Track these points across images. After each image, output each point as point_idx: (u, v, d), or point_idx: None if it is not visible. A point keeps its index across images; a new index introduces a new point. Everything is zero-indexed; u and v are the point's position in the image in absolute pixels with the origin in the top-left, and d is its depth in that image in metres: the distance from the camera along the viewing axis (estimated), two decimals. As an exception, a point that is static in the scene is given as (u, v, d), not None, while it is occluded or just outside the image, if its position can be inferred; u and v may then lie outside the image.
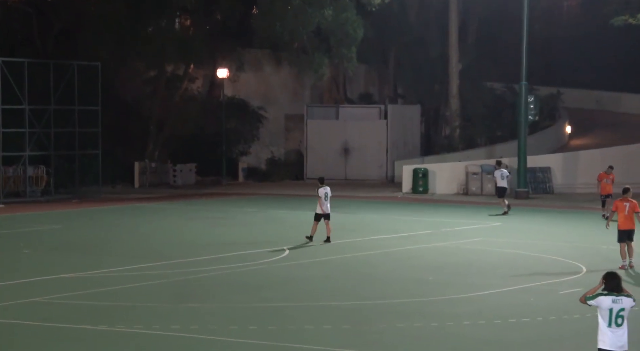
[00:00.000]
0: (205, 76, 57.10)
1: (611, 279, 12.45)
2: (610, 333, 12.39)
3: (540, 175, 46.76)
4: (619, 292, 12.38)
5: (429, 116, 60.81)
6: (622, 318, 12.30)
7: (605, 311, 12.33)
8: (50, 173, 44.45)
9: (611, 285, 12.43)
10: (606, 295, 12.36)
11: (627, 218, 24.24)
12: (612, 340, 12.37)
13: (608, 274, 12.58)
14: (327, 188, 28.67)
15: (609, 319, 12.33)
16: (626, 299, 12.35)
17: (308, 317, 18.36)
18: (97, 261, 25.04)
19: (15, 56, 44.07)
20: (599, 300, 12.40)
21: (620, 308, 12.30)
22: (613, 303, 12.31)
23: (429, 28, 58.57)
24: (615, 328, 12.34)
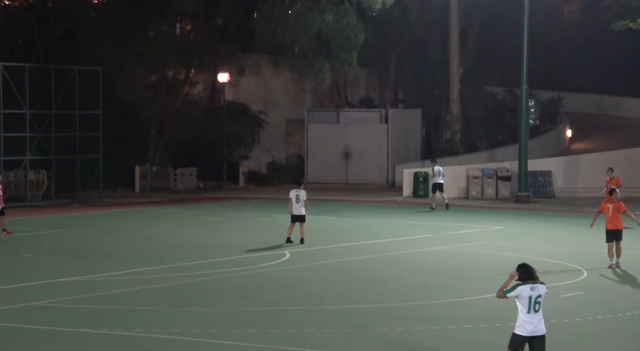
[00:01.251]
0: (206, 80, 57.15)
1: (526, 269, 13.27)
2: (529, 320, 13.18)
3: (541, 179, 46.77)
4: (534, 280, 13.21)
5: (430, 120, 60.83)
6: (539, 304, 13.17)
7: (525, 299, 13.13)
8: (51, 178, 44.48)
9: (526, 274, 13.26)
10: (523, 284, 13.18)
11: (613, 218, 25.05)
12: (530, 326, 13.19)
13: (522, 265, 13.39)
14: (301, 191, 28.89)
15: (528, 306, 13.14)
16: (541, 286, 13.23)
17: (309, 321, 18.35)
18: (97, 265, 25.05)
19: (16, 60, 44.12)
20: (518, 290, 13.18)
21: (538, 294, 13.15)
22: (531, 290, 13.14)
23: (429, 32, 58.62)
24: (533, 314, 13.17)
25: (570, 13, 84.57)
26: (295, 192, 28.91)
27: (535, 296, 13.18)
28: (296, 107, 59.80)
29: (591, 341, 17.10)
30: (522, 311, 13.20)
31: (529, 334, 13.25)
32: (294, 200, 28.80)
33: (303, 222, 28.95)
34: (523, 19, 43.98)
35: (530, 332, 13.23)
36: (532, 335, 13.26)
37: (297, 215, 28.88)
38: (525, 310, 13.19)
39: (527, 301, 13.17)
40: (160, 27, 51.64)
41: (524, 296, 13.16)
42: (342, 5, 48.74)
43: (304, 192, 29.04)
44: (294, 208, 28.82)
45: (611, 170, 36.14)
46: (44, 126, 43.65)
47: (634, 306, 19.97)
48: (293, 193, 28.89)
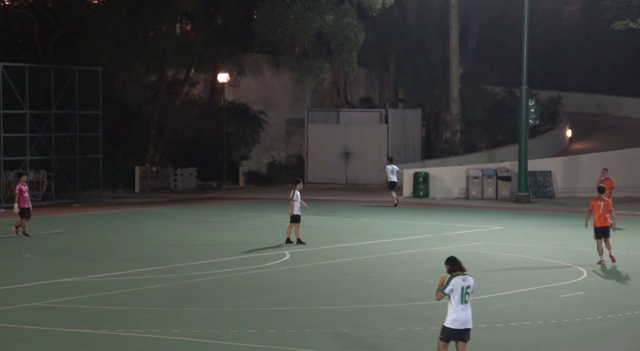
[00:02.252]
0: (206, 81, 57.16)
1: (454, 262, 13.78)
2: (461, 311, 13.67)
3: (541, 179, 46.76)
4: (463, 272, 13.71)
5: (430, 120, 60.82)
6: (469, 295, 13.71)
7: (459, 290, 13.63)
8: (51, 178, 44.48)
9: (455, 267, 13.75)
10: (457, 275, 13.70)
11: (602, 216, 25.47)
12: (461, 318, 13.70)
13: (451, 258, 13.92)
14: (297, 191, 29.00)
15: (461, 297, 13.63)
16: (470, 277, 13.74)
17: (309, 321, 18.35)
18: (97, 265, 25.06)
19: (16, 61, 44.14)
20: (453, 282, 13.66)
21: (468, 285, 13.70)
22: (463, 281, 13.69)
23: (429, 32, 58.60)
24: (464, 306, 13.68)
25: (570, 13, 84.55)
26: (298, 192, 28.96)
27: (466, 286, 13.65)
28: (296, 107, 59.80)
29: (591, 341, 17.10)
30: (456, 303, 13.64)
31: (462, 327, 13.70)
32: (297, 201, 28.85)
33: (299, 222, 29.07)
34: (523, 19, 43.98)
35: (462, 324, 13.71)
36: (464, 328, 13.73)
37: (299, 215, 28.97)
38: (458, 302, 13.63)
39: (459, 292, 13.61)
40: (160, 27, 51.63)
41: (459, 287, 13.61)
42: (342, 5, 48.74)
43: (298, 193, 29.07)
44: (297, 208, 28.90)
45: (606, 170, 35.97)
46: (44, 126, 43.64)
47: (634, 306, 19.98)
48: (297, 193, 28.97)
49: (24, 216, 30.64)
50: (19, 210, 30.64)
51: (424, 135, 59.61)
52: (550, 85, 69.90)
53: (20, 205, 30.68)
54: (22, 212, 30.66)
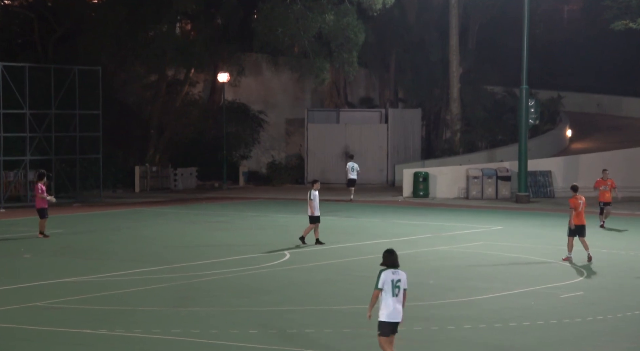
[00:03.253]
0: (206, 80, 57.15)
1: (389, 255, 14.34)
2: (392, 304, 14.08)
3: (541, 179, 46.76)
4: (396, 267, 14.22)
5: (430, 120, 60.82)
6: (399, 289, 14.15)
7: (389, 284, 14.09)
8: (51, 178, 44.45)
9: (389, 260, 14.31)
10: (386, 269, 14.19)
11: (581, 214, 26.04)
12: (393, 311, 14.09)
13: (389, 250, 14.53)
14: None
15: (391, 290, 14.08)
16: (402, 272, 14.28)
17: (309, 321, 18.36)
18: (97, 265, 25.06)
19: (16, 61, 44.13)
20: (383, 276, 14.15)
21: (398, 278, 14.19)
22: (393, 274, 14.18)
23: (429, 32, 58.59)
24: (395, 298, 14.08)
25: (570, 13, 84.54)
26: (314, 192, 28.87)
27: (396, 280, 14.14)
28: (296, 107, 59.79)
29: (591, 341, 17.10)
30: (388, 297, 14.05)
31: (391, 319, 14.11)
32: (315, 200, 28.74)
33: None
34: (523, 19, 43.97)
35: (392, 317, 14.10)
36: (394, 320, 14.12)
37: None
38: (389, 295, 14.05)
39: (390, 285, 14.07)
40: (160, 27, 51.61)
41: (389, 280, 14.09)
42: (342, 5, 48.72)
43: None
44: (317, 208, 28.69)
45: (606, 171, 35.86)
46: (43, 126, 43.63)
47: (634, 306, 19.98)
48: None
49: (43, 217, 30.60)
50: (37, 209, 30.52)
51: (424, 135, 59.60)
52: (550, 85, 69.88)
53: (38, 206, 30.66)
54: (41, 212, 30.64)
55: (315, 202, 28.74)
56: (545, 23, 73.68)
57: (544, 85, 66.42)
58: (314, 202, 28.75)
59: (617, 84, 74.56)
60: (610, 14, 50.14)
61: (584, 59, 75.40)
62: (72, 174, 45.01)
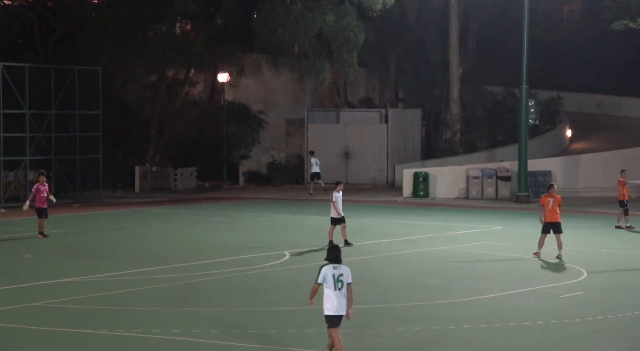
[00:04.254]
0: (205, 81, 57.14)
1: (333, 251, 14.72)
2: (335, 298, 14.50)
3: (541, 179, 46.73)
4: (338, 263, 14.57)
5: (430, 120, 60.81)
6: (342, 283, 14.53)
7: (330, 278, 14.47)
8: (51, 178, 44.45)
9: (331, 256, 14.66)
10: (327, 264, 14.57)
11: (552, 212, 26.58)
12: (336, 305, 14.52)
13: (333, 246, 14.99)
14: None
15: (333, 284, 14.47)
16: (344, 267, 14.61)
17: (309, 321, 18.35)
18: (97, 265, 25.06)
19: (16, 61, 44.11)
20: (323, 271, 14.55)
21: (340, 273, 14.51)
22: (334, 269, 14.53)
23: (429, 32, 58.59)
24: (337, 292, 14.49)
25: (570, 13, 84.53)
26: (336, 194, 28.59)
27: (338, 274, 14.49)
28: (296, 107, 59.78)
29: (591, 341, 17.10)
30: (331, 291, 14.50)
31: (340, 313, 14.55)
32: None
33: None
34: (523, 19, 43.97)
35: (339, 310, 14.53)
36: (341, 314, 14.56)
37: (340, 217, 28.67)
38: (331, 289, 14.48)
39: (331, 279, 14.47)
40: (160, 27, 51.61)
41: (329, 275, 14.47)
42: (342, 6, 48.71)
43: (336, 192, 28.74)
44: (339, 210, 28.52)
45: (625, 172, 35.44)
46: (43, 126, 43.63)
47: (634, 306, 19.98)
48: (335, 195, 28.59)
49: (41, 216, 30.63)
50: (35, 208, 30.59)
51: (424, 135, 59.60)
52: (550, 85, 69.85)
53: (37, 205, 30.67)
54: (40, 212, 30.66)
55: (337, 203, 28.50)
56: (545, 23, 73.70)
57: (544, 85, 66.40)
58: (336, 204, 28.51)
59: (617, 83, 74.55)
60: (610, 14, 50.15)
61: (584, 59, 75.38)
62: (72, 174, 45.00)
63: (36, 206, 30.67)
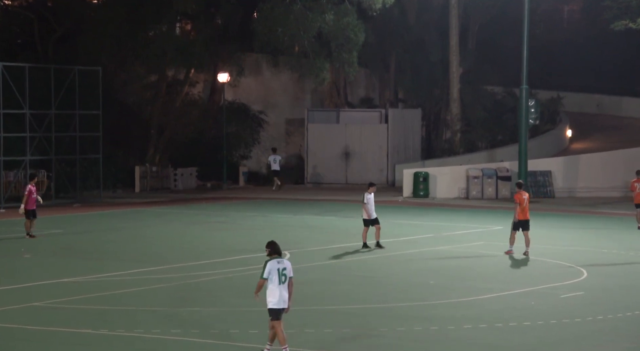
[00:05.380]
0: (205, 81, 57.12)
1: (273, 246, 15.21)
2: (278, 291, 15.03)
3: (541, 179, 46.75)
4: (280, 256, 15.15)
5: (430, 120, 60.80)
6: (285, 276, 15.09)
7: (275, 272, 15.02)
8: (51, 178, 44.47)
9: (273, 250, 15.18)
10: (271, 259, 15.11)
11: (525, 209, 27.09)
12: (279, 298, 15.04)
13: (271, 242, 15.36)
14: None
15: (278, 278, 15.01)
16: (286, 261, 15.20)
17: (309, 321, 18.35)
18: (98, 265, 25.06)
19: (16, 61, 44.09)
20: (268, 266, 15.08)
21: (284, 267, 15.11)
22: (278, 264, 15.09)
23: (429, 32, 58.58)
24: (281, 286, 15.05)
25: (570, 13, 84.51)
26: (367, 195, 28.34)
27: (282, 268, 15.07)
28: (296, 107, 59.75)
29: (591, 341, 17.10)
30: (275, 285, 15.02)
31: (282, 306, 15.10)
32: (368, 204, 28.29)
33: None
34: (523, 19, 43.93)
35: (282, 303, 15.08)
36: (283, 307, 15.12)
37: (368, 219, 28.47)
38: (276, 283, 15.02)
39: (276, 273, 15.01)
40: (160, 27, 51.57)
41: (274, 269, 15.01)
42: (342, 5, 48.69)
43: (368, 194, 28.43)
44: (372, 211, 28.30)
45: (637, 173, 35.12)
46: (43, 126, 43.63)
47: (634, 306, 19.98)
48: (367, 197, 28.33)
49: (28, 217, 30.64)
50: (25, 211, 30.63)
51: (424, 135, 59.59)
52: (550, 85, 69.83)
53: (28, 207, 30.67)
54: (28, 213, 30.67)
55: (369, 205, 28.28)
56: (545, 23, 73.65)
57: (544, 85, 66.37)
58: (367, 206, 28.32)
59: (617, 84, 74.52)
60: (610, 14, 50.12)
61: (584, 59, 75.35)
62: (72, 174, 44.99)
63: (26, 207, 30.65)
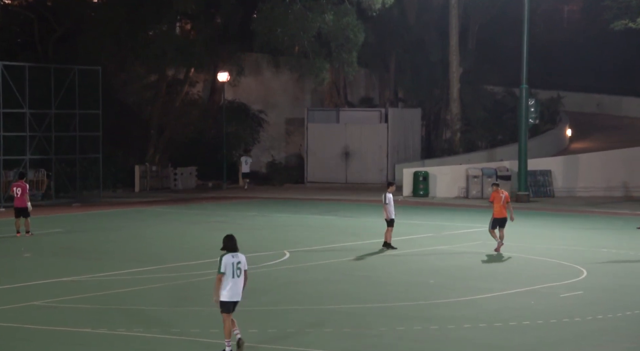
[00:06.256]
0: (205, 80, 57.12)
1: (229, 241, 15.63)
2: (232, 284, 15.44)
3: (541, 179, 46.76)
4: (235, 251, 15.56)
5: (430, 120, 60.83)
6: (240, 270, 15.56)
7: (230, 266, 15.44)
8: (51, 177, 44.48)
9: (229, 245, 15.60)
10: (226, 254, 15.52)
11: (502, 208, 27.47)
12: (232, 291, 15.46)
13: (228, 236, 15.77)
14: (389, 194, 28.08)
15: (232, 272, 15.45)
16: (241, 255, 15.65)
17: (309, 320, 18.36)
18: (97, 265, 25.06)
19: (16, 60, 44.10)
20: (224, 260, 15.46)
21: (238, 261, 15.57)
22: (232, 258, 15.52)
23: (429, 32, 58.60)
24: (235, 279, 15.49)
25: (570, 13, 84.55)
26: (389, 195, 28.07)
27: (236, 262, 15.51)
28: (296, 106, 59.76)
29: (591, 341, 17.10)
30: (229, 279, 15.41)
31: (233, 299, 15.48)
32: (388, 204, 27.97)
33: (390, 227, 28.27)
34: (523, 19, 43.97)
35: (233, 297, 15.46)
36: (234, 300, 15.50)
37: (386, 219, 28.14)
38: (230, 276, 15.43)
39: (231, 267, 15.45)
40: (160, 27, 51.59)
41: (229, 263, 15.44)
42: (342, 5, 48.71)
43: (390, 195, 28.13)
44: (387, 212, 28.00)
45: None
46: (43, 126, 43.65)
47: (634, 306, 19.98)
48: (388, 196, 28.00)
49: (20, 216, 30.70)
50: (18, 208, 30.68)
51: (424, 135, 59.62)
52: (550, 85, 69.87)
53: (20, 205, 30.71)
54: (21, 211, 30.71)
55: (390, 205, 28.06)
56: (545, 23, 73.69)
57: (544, 85, 66.41)
58: (389, 206, 28.10)
59: (617, 83, 74.55)
60: (610, 14, 50.12)
61: (584, 59, 75.39)
62: (72, 174, 45.00)
63: (19, 205, 30.66)
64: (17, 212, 30.81)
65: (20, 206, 30.69)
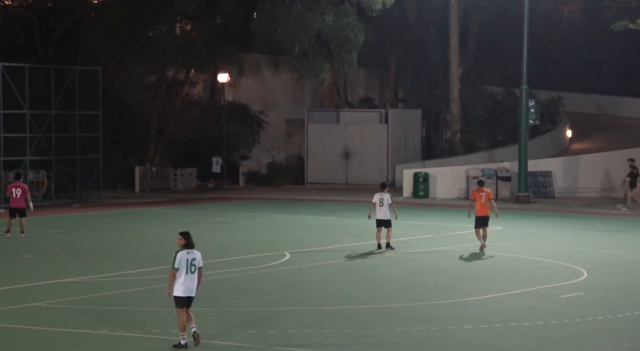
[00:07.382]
0: (205, 81, 57.11)
1: (187, 236, 16.11)
2: (186, 280, 15.86)
3: (541, 179, 46.74)
4: (191, 248, 16.01)
5: (430, 120, 60.82)
6: (195, 267, 15.98)
7: (184, 262, 15.86)
8: (51, 178, 44.46)
9: (188, 240, 16.05)
10: (181, 250, 15.97)
11: (484, 206, 27.69)
12: (186, 286, 15.88)
13: (185, 232, 16.22)
14: (385, 194, 28.09)
15: (186, 268, 15.88)
16: (197, 252, 16.07)
17: (309, 321, 18.36)
18: (97, 265, 25.05)
19: (16, 61, 44.09)
20: (178, 257, 15.95)
21: (193, 258, 15.98)
22: (187, 255, 15.96)
23: (429, 32, 58.59)
24: (190, 275, 15.92)
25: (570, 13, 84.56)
26: (379, 196, 28.02)
27: (191, 259, 15.93)
28: (296, 107, 59.75)
29: (591, 341, 17.10)
30: (183, 274, 15.84)
31: (186, 294, 15.88)
32: (377, 204, 27.97)
33: (389, 227, 28.15)
34: (523, 19, 43.97)
35: (187, 292, 15.86)
36: (189, 295, 15.89)
37: (383, 220, 28.03)
38: (184, 272, 15.84)
39: (185, 263, 15.85)
40: (160, 27, 51.56)
41: (183, 259, 15.86)
42: (342, 6, 48.71)
43: (388, 195, 28.14)
44: (380, 213, 27.95)
45: None
46: (44, 126, 43.63)
47: (634, 306, 19.98)
48: (377, 197, 28.02)
49: (15, 215, 30.75)
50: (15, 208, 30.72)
51: (424, 135, 59.61)
52: (550, 85, 69.85)
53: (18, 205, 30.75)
54: (13, 211, 30.76)
55: (384, 206, 27.95)
56: (545, 23, 73.66)
57: (544, 85, 66.39)
58: (380, 207, 28.03)
59: (617, 84, 74.55)
60: (610, 15, 50.12)
61: (584, 59, 75.39)
62: (72, 174, 44.99)
63: (18, 206, 30.68)
64: (13, 212, 30.82)
65: (18, 206, 30.69)
